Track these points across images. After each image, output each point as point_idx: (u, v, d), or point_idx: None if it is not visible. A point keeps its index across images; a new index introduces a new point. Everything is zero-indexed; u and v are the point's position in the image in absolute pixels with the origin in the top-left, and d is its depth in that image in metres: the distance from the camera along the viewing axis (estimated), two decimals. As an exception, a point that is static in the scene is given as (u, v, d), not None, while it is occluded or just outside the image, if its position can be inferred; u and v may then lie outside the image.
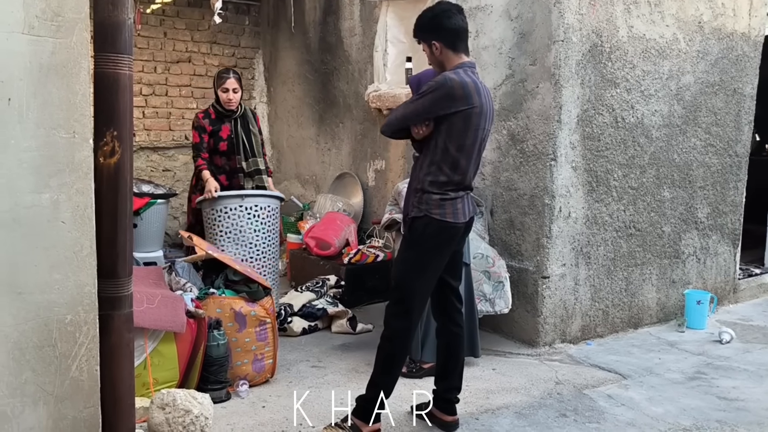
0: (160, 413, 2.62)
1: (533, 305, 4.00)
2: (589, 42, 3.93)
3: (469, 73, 2.72)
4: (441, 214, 2.70)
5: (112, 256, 1.88)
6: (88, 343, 1.82)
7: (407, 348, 2.84)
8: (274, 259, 4.25)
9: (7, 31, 1.63)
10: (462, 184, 2.74)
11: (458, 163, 2.69)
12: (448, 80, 2.66)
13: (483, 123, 2.71)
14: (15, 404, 1.72)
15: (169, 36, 6.37)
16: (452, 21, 2.75)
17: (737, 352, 4.04)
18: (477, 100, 2.67)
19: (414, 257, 2.77)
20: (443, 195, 2.70)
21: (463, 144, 2.68)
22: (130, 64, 1.88)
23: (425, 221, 2.71)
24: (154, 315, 2.91)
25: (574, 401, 3.25)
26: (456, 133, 2.67)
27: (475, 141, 2.71)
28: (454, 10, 2.78)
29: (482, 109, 2.69)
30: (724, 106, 4.77)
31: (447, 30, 2.74)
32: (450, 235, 2.75)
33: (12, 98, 1.65)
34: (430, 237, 2.72)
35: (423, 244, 2.74)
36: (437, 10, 2.80)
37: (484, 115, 2.71)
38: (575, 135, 3.95)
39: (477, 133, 2.70)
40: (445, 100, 2.64)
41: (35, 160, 1.69)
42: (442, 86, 2.65)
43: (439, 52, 2.76)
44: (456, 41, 2.76)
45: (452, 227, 2.73)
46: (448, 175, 2.69)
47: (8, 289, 1.68)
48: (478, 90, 2.69)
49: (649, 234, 4.45)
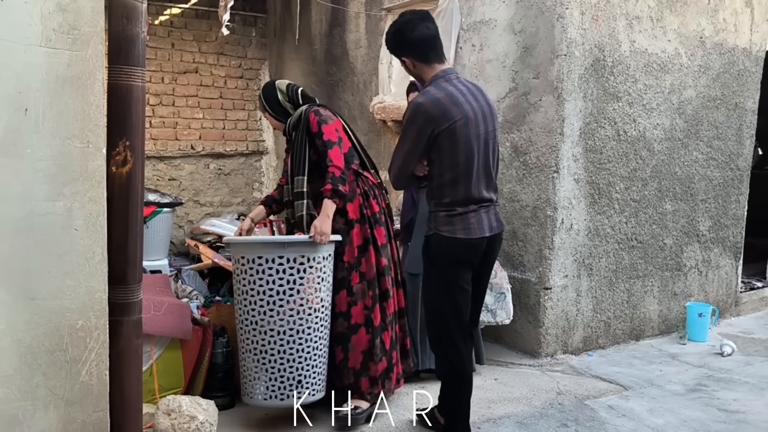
0: (166, 419, 2.65)
1: (535, 316, 4.03)
2: (591, 56, 3.98)
3: (442, 85, 2.58)
4: (450, 231, 2.59)
5: (123, 263, 1.92)
6: (98, 348, 1.86)
7: (462, 369, 2.70)
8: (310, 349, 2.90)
9: (26, 44, 1.68)
10: (470, 198, 2.60)
11: (457, 181, 2.57)
12: (419, 106, 2.54)
13: (474, 130, 2.56)
14: (26, 407, 1.76)
15: (176, 47, 6.46)
16: (416, 32, 2.59)
17: (738, 364, 4.05)
18: (458, 110, 2.53)
19: (434, 276, 2.69)
20: (449, 211, 2.60)
21: (456, 161, 2.55)
22: (143, 76, 1.93)
23: (436, 239, 2.63)
24: (161, 322, 2.95)
25: (576, 412, 3.27)
26: (445, 153, 2.55)
27: (470, 153, 2.56)
28: (416, 20, 2.61)
29: (468, 117, 2.54)
30: (725, 120, 4.81)
31: (413, 43, 2.60)
32: (466, 251, 2.62)
33: (29, 108, 1.70)
34: (443, 254, 2.62)
35: (438, 262, 2.65)
36: (399, 23, 2.65)
37: (473, 121, 2.56)
38: (578, 148, 3.99)
39: (469, 144, 2.55)
40: (426, 125, 2.52)
41: (50, 169, 1.74)
42: (417, 114, 2.54)
43: (412, 66, 2.65)
44: (426, 52, 2.62)
45: (465, 243, 2.60)
46: (450, 194, 2.59)
47: (22, 294, 1.72)
48: (455, 100, 2.54)
49: (650, 246, 4.48)
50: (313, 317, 2.85)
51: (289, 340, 2.82)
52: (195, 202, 6.69)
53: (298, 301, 2.81)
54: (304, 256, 2.81)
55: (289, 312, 2.81)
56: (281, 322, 2.81)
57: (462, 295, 2.66)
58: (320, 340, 2.91)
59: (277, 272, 2.79)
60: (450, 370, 2.71)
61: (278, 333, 2.82)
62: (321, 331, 2.91)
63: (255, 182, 7.07)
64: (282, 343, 2.82)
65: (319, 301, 2.88)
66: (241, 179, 6.98)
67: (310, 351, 2.87)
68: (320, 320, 2.89)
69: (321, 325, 2.91)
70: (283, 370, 2.83)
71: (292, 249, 2.80)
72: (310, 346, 2.86)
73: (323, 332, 2.93)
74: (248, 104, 6.92)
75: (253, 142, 6.98)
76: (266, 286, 2.80)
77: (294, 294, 2.80)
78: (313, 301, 2.84)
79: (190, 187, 6.64)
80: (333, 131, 3.05)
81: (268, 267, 2.79)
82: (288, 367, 2.83)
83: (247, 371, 2.91)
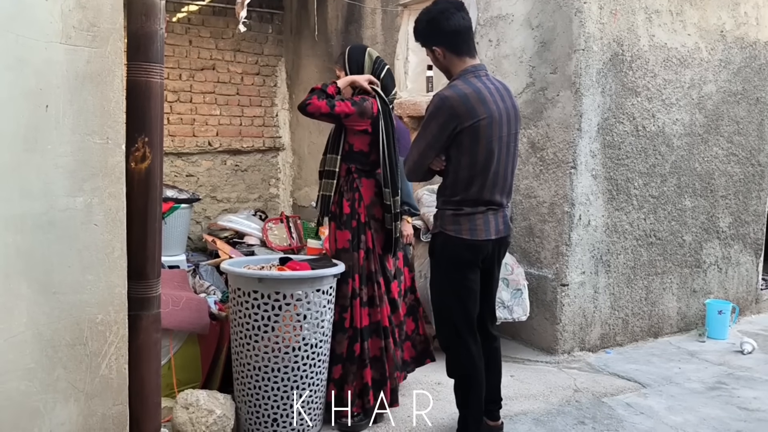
0: (184, 413, 2.67)
1: (552, 313, 4.01)
2: (610, 51, 3.94)
3: (471, 80, 2.51)
4: (456, 231, 2.55)
5: (142, 258, 1.93)
6: (118, 342, 1.88)
7: (472, 369, 2.66)
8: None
9: (46, 41, 1.69)
10: (481, 199, 2.54)
11: (471, 181, 2.51)
12: (444, 99, 2.46)
13: (497, 131, 2.49)
14: (47, 400, 1.78)
15: (194, 44, 6.50)
16: (452, 22, 2.49)
17: (759, 362, 4.00)
18: (484, 109, 2.45)
19: (440, 277, 2.66)
20: (457, 210, 2.55)
21: (475, 161, 2.49)
22: (161, 73, 1.94)
23: (442, 238, 2.59)
24: (179, 317, 2.97)
25: (593, 409, 3.25)
26: (464, 151, 2.48)
27: (490, 154, 2.49)
28: (452, 9, 2.50)
29: (493, 117, 2.47)
30: (746, 115, 4.74)
31: (447, 33, 2.50)
32: (471, 253, 2.57)
33: (49, 105, 1.71)
34: (449, 254, 2.59)
35: (444, 263, 2.62)
36: (434, 11, 2.53)
37: (498, 122, 2.49)
38: (595, 143, 3.96)
39: (491, 145, 2.48)
40: (450, 120, 2.45)
41: (70, 165, 1.76)
42: (441, 108, 2.46)
43: (442, 56, 2.56)
44: (459, 44, 2.52)
45: (470, 244, 2.55)
46: (461, 193, 2.53)
47: (43, 288, 1.74)
48: (483, 98, 2.46)
49: (669, 243, 4.44)
50: (291, 356, 2.71)
51: (263, 377, 2.73)
52: (212, 198, 6.73)
53: (273, 338, 2.70)
54: (279, 292, 2.68)
55: (263, 349, 2.71)
56: (256, 357, 2.73)
57: (469, 295, 2.62)
58: (302, 379, 2.77)
59: (252, 306, 2.70)
60: (460, 370, 2.69)
61: (254, 368, 2.75)
62: (303, 371, 2.76)
63: (272, 178, 7.10)
64: (258, 378, 2.75)
65: (300, 340, 2.72)
66: (258, 175, 7.01)
67: (288, 391, 2.74)
68: (301, 359, 2.74)
69: (304, 364, 2.75)
70: (258, 406, 2.77)
71: (267, 285, 2.68)
72: (287, 385, 2.74)
73: (306, 372, 2.77)
74: (265, 101, 6.95)
75: (269, 139, 7.01)
76: (243, 319, 2.74)
77: (269, 331, 2.70)
78: (290, 339, 2.71)
79: (208, 183, 6.68)
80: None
81: (245, 300, 2.72)
82: (263, 403, 2.76)
83: (238, 404, 2.88)
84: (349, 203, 3.07)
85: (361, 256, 3.02)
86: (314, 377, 2.82)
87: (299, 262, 2.99)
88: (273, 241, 6.05)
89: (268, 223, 6.25)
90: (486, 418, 2.84)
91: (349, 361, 3.00)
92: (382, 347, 3.02)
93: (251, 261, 3.11)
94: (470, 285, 2.62)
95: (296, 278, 2.71)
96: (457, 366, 2.70)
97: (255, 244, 6.00)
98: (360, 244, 3.03)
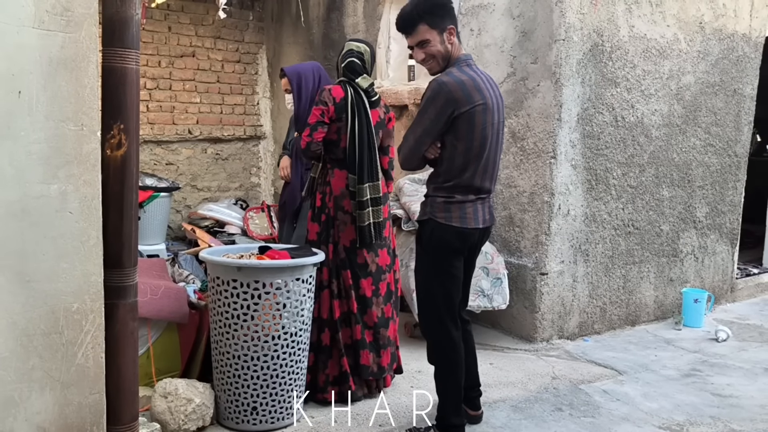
0: (163, 402, 2.66)
1: (531, 301, 4.04)
2: (590, 41, 3.96)
3: (464, 68, 2.56)
4: (446, 218, 2.57)
5: (118, 247, 1.91)
6: (94, 330, 1.86)
7: (454, 355, 2.68)
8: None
9: (18, 25, 1.66)
10: (471, 187, 2.57)
11: (467, 167, 2.54)
12: (442, 85, 2.49)
13: (490, 118, 2.54)
14: (22, 389, 1.76)
15: (173, 30, 6.41)
16: (453, 4, 2.55)
17: (733, 350, 4.08)
18: (479, 96, 2.51)
19: (427, 263, 2.67)
20: (448, 198, 2.57)
21: (470, 146, 2.52)
22: (138, 59, 1.91)
23: (431, 225, 2.61)
24: (157, 305, 2.95)
25: (570, 396, 3.29)
26: (460, 136, 2.51)
27: (484, 140, 2.54)
28: None
29: (487, 104, 2.52)
30: (724, 106, 4.80)
31: (453, 13, 2.51)
32: (459, 240, 2.60)
33: (22, 91, 1.68)
34: (437, 241, 2.60)
35: (432, 250, 2.63)
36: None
37: (491, 109, 2.54)
38: (575, 133, 3.98)
39: (485, 131, 2.53)
40: (447, 105, 2.47)
41: (44, 152, 1.73)
42: (440, 93, 2.48)
43: (449, 40, 2.54)
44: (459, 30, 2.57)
45: (460, 232, 2.58)
46: (454, 179, 2.56)
47: (17, 277, 1.72)
48: (477, 86, 2.52)
49: (647, 232, 4.49)
50: (270, 345, 2.72)
51: (243, 366, 2.74)
52: (192, 187, 6.68)
53: (252, 327, 2.70)
54: (258, 281, 2.68)
55: (243, 337, 2.71)
56: (236, 346, 2.73)
57: (453, 282, 2.66)
58: (282, 368, 2.77)
59: (231, 295, 2.70)
60: (442, 356, 2.72)
61: (233, 357, 2.75)
62: (282, 359, 2.76)
63: (253, 167, 7.06)
64: (237, 367, 2.75)
65: (280, 329, 2.73)
66: (239, 164, 6.96)
67: (267, 379, 2.75)
68: (281, 348, 2.75)
69: (284, 353, 2.76)
70: (237, 395, 2.77)
71: (245, 273, 2.67)
72: (267, 374, 2.74)
73: (286, 360, 2.78)
74: (246, 88, 6.89)
75: (251, 127, 6.96)
76: (222, 308, 2.74)
77: (248, 320, 2.70)
78: (270, 328, 2.72)
79: (188, 171, 6.62)
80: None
81: (224, 289, 2.72)
82: (242, 392, 2.76)
83: (217, 392, 2.87)
84: (321, 196, 3.11)
85: (330, 249, 3.05)
86: (293, 366, 2.82)
87: (279, 251, 2.98)
88: (254, 230, 6.02)
89: (249, 212, 6.22)
90: (467, 407, 2.87)
91: (317, 350, 3.05)
92: (350, 335, 3.08)
93: (230, 250, 3.09)
94: (455, 272, 2.66)
95: (275, 267, 2.70)
96: (439, 352, 2.73)
97: (236, 234, 5.97)
98: (329, 238, 3.07)
